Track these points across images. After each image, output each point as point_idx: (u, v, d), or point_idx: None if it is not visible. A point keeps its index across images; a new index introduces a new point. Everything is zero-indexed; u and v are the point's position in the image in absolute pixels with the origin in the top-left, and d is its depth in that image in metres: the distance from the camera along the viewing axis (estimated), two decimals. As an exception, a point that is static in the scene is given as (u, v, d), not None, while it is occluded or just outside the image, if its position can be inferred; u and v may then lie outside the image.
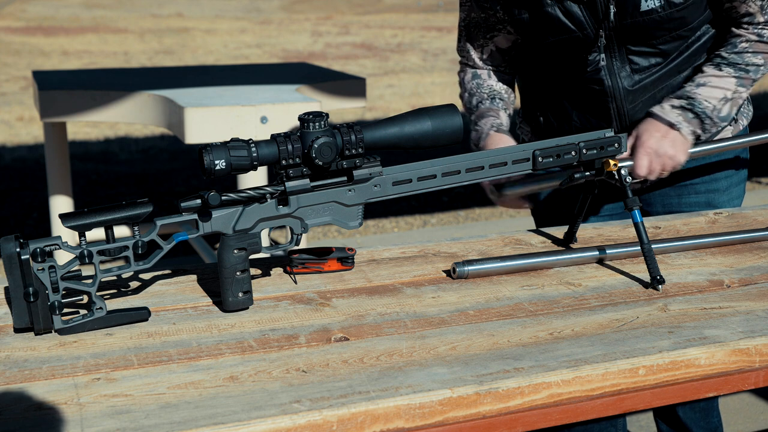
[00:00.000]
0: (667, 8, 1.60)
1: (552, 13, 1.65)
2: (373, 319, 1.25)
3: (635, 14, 1.61)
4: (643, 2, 1.59)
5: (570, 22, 1.65)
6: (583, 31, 1.65)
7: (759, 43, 1.66)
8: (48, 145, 3.71)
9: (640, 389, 1.14)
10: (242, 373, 1.08)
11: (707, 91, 1.64)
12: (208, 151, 1.21)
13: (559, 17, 1.65)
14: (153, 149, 6.92)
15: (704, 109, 1.63)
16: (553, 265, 1.46)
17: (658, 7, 1.59)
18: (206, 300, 1.32)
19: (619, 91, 1.70)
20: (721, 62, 1.66)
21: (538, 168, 1.38)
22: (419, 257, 1.51)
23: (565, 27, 1.66)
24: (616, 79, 1.69)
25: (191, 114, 2.84)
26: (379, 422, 1.01)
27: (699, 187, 1.83)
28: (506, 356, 1.13)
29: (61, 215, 1.18)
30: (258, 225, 1.28)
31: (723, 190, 1.83)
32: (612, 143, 1.41)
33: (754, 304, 1.31)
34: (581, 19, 1.64)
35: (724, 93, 1.64)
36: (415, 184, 1.34)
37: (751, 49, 1.65)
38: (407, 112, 1.32)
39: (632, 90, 1.69)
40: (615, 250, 1.49)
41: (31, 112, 8.08)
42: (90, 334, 1.20)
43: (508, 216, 5.24)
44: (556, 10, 1.64)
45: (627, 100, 1.70)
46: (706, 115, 1.63)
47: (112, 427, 0.95)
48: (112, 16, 16.75)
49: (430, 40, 14.36)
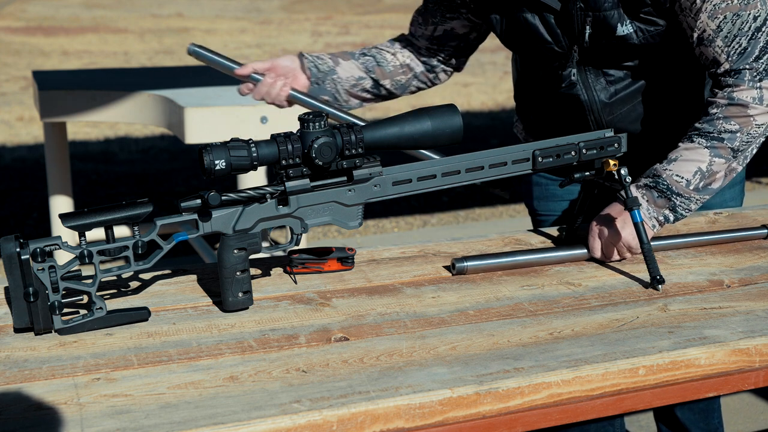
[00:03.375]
0: (641, 35, 1.57)
1: (530, 20, 1.63)
2: (373, 319, 1.25)
3: (610, 38, 1.58)
4: (618, 27, 1.56)
5: (546, 33, 1.63)
6: (558, 44, 1.63)
7: (730, 106, 1.50)
8: (48, 145, 3.71)
9: (640, 389, 1.14)
10: (242, 373, 1.08)
11: (677, 166, 1.50)
12: (208, 151, 1.21)
13: (536, 26, 1.62)
14: (153, 149, 6.92)
15: (670, 186, 1.48)
16: (551, 261, 1.46)
17: (632, 33, 1.57)
18: (206, 300, 1.32)
19: (596, 104, 1.67)
20: (693, 134, 1.53)
21: (538, 168, 1.38)
22: (419, 257, 1.51)
23: (540, 37, 1.64)
24: (592, 92, 1.66)
25: (191, 114, 2.84)
26: (379, 422, 1.01)
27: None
28: (506, 356, 1.13)
29: (61, 215, 1.18)
30: (258, 225, 1.28)
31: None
32: (612, 143, 1.41)
33: (754, 304, 1.31)
34: (556, 32, 1.62)
35: (698, 165, 1.50)
36: (415, 184, 1.34)
37: (722, 114, 1.50)
38: (407, 112, 1.32)
39: (609, 102, 1.66)
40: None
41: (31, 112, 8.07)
42: (90, 334, 1.20)
43: (508, 216, 5.24)
44: (535, 18, 1.62)
45: (604, 112, 1.67)
46: (674, 192, 1.48)
47: (112, 427, 0.95)
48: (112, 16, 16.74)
49: (430, 40, 14.33)
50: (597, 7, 1.56)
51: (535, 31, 1.64)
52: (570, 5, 1.58)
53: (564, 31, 1.62)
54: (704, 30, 1.52)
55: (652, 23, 1.56)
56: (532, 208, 1.92)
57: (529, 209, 1.94)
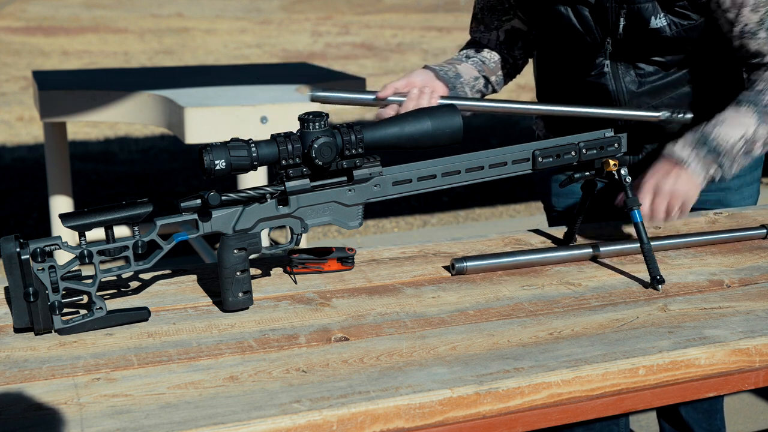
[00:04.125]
0: (674, 28, 1.60)
1: (563, 12, 1.65)
2: (373, 319, 1.26)
3: (643, 30, 1.61)
4: (652, 20, 1.59)
5: (579, 25, 1.65)
6: (591, 35, 1.66)
7: None
8: (48, 145, 3.71)
9: (640, 389, 1.14)
10: (242, 373, 1.08)
11: (725, 129, 1.56)
12: (208, 151, 1.21)
13: (570, 17, 1.65)
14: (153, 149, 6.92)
15: (719, 145, 1.54)
16: (550, 262, 1.46)
17: (665, 26, 1.59)
18: (206, 300, 1.32)
19: (623, 95, 1.69)
20: (740, 102, 1.59)
21: (538, 168, 1.38)
22: (419, 257, 1.51)
23: (573, 29, 1.66)
24: (621, 83, 1.69)
25: (191, 114, 2.84)
26: (379, 422, 1.01)
27: (710, 185, 1.82)
28: (506, 356, 1.13)
29: (61, 215, 1.18)
30: (258, 225, 1.28)
31: (735, 189, 1.82)
32: (612, 143, 1.41)
33: (754, 304, 1.31)
34: (590, 24, 1.64)
35: (744, 130, 1.56)
36: (415, 184, 1.34)
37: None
38: (407, 112, 1.32)
39: (638, 93, 1.69)
40: (613, 247, 1.49)
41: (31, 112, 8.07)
42: (90, 334, 1.20)
43: (508, 216, 5.24)
44: (568, 10, 1.65)
45: (632, 104, 1.70)
46: (722, 152, 1.54)
47: (112, 427, 0.95)
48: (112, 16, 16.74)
49: (430, 40, 14.35)
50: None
51: (569, 23, 1.66)
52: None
53: (598, 23, 1.64)
54: (746, 24, 1.58)
55: (685, 17, 1.59)
56: (549, 205, 1.93)
57: (545, 205, 1.95)
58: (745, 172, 1.82)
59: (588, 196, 1.49)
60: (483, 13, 1.82)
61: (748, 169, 1.82)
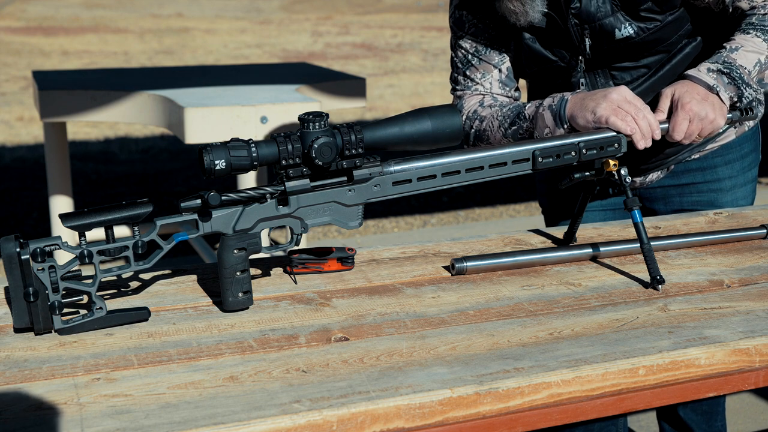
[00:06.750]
0: (641, 33, 1.60)
1: (533, 46, 1.68)
2: (373, 319, 1.26)
3: (611, 43, 1.62)
4: (617, 31, 1.60)
5: (547, 52, 1.68)
6: (563, 60, 1.68)
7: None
8: (48, 145, 3.71)
9: (640, 389, 1.14)
10: (242, 373, 1.08)
11: (742, 56, 1.57)
12: (208, 151, 1.21)
13: (537, 48, 1.68)
14: (153, 149, 6.92)
15: (741, 74, 1.55)
16: (550, 262, 1.46)
17: (632, 34, 1.60)
18: (206, 300, 1.32)
19: None
20: (747, 28, 1.60)
21: (538, 168, 1.38)
22: (419, 257, 1.51)
23: (545, 58, 1.69)
24: None
25: (191, 114, 2.84)
26: (379, 422, 1.01)
27: (701, 186, 1.82)
28: (506, 356, 1.13)
29: (61, 215, 1.18)
30: (258, 225, 1.28)
31: (726, 190, 1.82)
32: (612, 143, 1.41)
33: (754, 304, 1.31)
34: (558, 50, 1.67)
35: (758, 57, 1.58)
36: (415, 184, 1.34)
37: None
38: (407, 112, 1.32)
39: None
40: (612, 248, 1.49)
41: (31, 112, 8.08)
42: (90, 334, 1.20)
43: (508, 216, 5.24)
44: (534, 41, 1.67)
45: None
46: (743, 81, 1.55)
47: (112, 427, 0.95)
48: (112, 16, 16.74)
49: (430, 40, 14.36)
50: (591, 18, 1.59)
51: (538, 53, 1.68)
52: (565, 22, 1.60)
53: (564, 47, 1.66)
54: None
55: (651, 20, 1.60)
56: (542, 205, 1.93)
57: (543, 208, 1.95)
58: (737, 173, 1.82)
59: (588, 196, 1.49)
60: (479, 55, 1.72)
61: (741, 171, 1.83)
